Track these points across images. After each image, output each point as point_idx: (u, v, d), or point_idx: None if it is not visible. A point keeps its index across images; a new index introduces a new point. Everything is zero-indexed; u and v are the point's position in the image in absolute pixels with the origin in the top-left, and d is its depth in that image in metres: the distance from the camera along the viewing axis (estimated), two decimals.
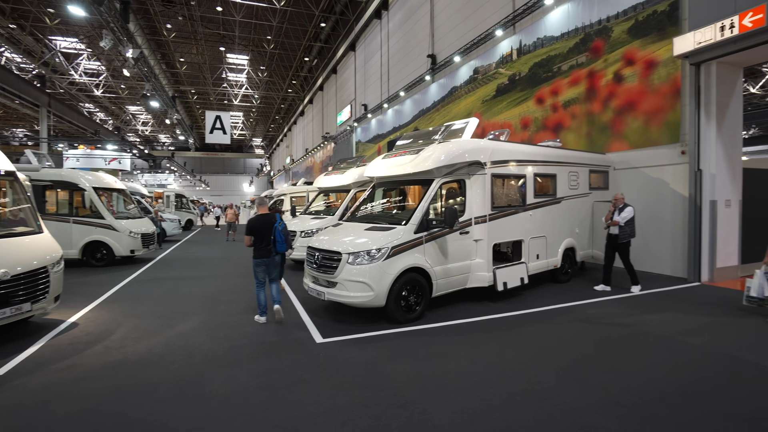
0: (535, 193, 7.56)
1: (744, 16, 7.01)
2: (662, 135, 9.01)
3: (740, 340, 4.99)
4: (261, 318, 6.06)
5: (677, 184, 8.58)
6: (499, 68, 14.49)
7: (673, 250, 8.66)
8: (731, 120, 8.29)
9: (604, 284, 7.61)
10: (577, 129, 11.21)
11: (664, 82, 8.96)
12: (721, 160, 8.10)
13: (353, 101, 29.64)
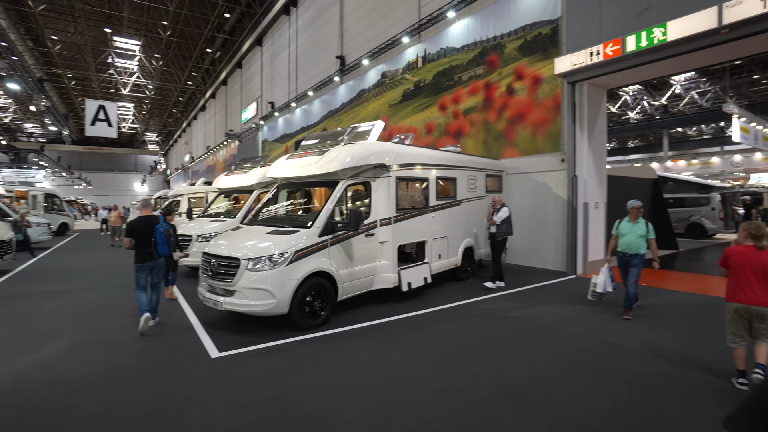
0: (438, 196, 7.87)
1: (606, 45, 8.07)
2: (546, 144, 10.00)
3: (604, 326, 5.68)
4: (144, 318, 5.52)
5: (558, 188, 9.59)
6: (406, 74, 14.92)
7: (555, 247, 9.66)
8: (598, 133, 9.50)
9: (498, 281, 8.17)
10: (476, 136, 11.98)
11: (548, 97, 9.97)
12: (591, 167, 9.24)
13: (259, 98, 28.37)
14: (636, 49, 7.62)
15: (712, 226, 15.36)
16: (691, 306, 6.63)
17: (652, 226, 6.09)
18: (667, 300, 6.96)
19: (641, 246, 6.00)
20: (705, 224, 15.41)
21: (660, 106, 33.71)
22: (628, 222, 6.18)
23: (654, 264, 5.90)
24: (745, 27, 6.51)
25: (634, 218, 6.15)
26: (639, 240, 6.00)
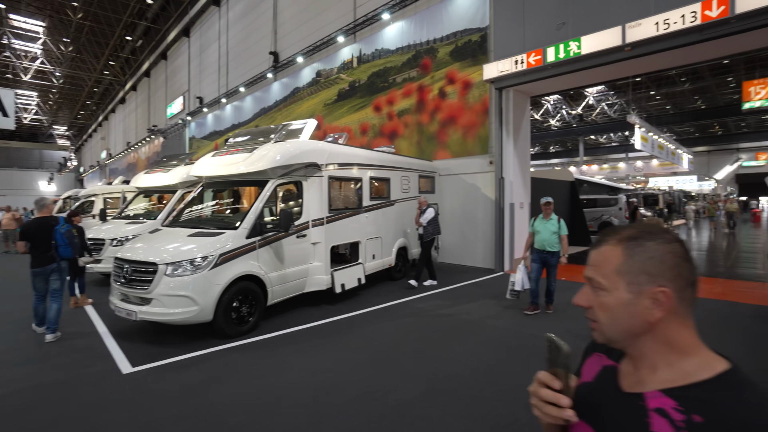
0: (371, 196, 7.83)
1: (529, 55, 8.55)
2: (476, 147, 10.39)
3: (531, 319, 5.98)
4: (40, 329, 4.90)
5: (487, 189, 10.00)
6: (341, 74, 14.77)
7: (484, 246, 10.06)
8: (523, 137, 10.05)
9: (431, 279, 8.32)
10: (410, 137, 12.15)
11: (477, 101, 10.36)
12: (516, 170, 9.74)
13: (187, 92, 26.63)
14: (555, 60, 8.15)
15: (619, 224, 16.95)
16: None
17: (564, 223, 6.18)
18: None
19: (555, 242, 6.10)
20: (614, 222, 16.97)
21: (576, 115, 36.74)
22: (542, 219, 6.28)
23: (561, 259, 6.07)
24: (643, 46, 7.21)
25: (546, 215, 6.23)
26: (552, 236, 6.09)
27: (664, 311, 0.76)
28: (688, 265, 0.77)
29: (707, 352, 0.77)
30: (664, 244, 0.78)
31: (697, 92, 31.49)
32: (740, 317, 5.81)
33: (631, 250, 0.79)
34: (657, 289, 0.76)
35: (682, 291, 0.76)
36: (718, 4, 6.36)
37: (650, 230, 0.81)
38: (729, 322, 5.56)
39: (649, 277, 0.77)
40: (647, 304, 0.76)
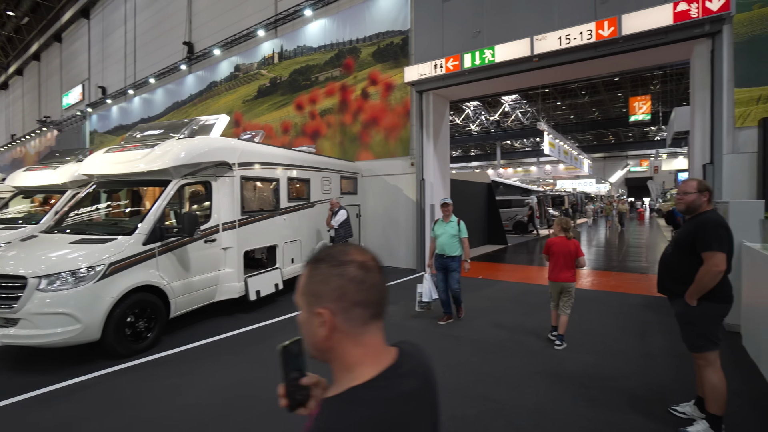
0: (290, 197, 7.47)
1: (448, 60, 8.76)
2: (398, 148, 10.44)
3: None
4: None
5: (408, 190, 10.09)
6: (261, 69, 14.08)
7: (406, 246, 10.14)
8: (443, 140, 10.29)
9: None
10: (332, 137, 11.90)
11: (399, 103, 10.41)
12: (437, 171, 9.95)
13: (87, 81, 23.78)
14: (472, 66, 8.42)
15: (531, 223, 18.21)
16: (519, 292, 7.55)
17: (464, 225, 5.69)
18: (502, 288, 7.82)
19: (455, 246, 5.62)
20: (534, 222, 18.19)
21: (494, 121, 39.01)
22: (442, 222, 5.79)
23: (464, 265, 5.62)
24: (549, 58, 7.71)
25: (445, 217, 5.77)
26: (452, 240, 5.61)
27: (328, 330, 0.80)
28: (355, 287, 0.81)
29: (368, 370, 0.81)
30: (332, 267, 0.82)
31: (594, 105, 35.06)
32: (630, 307, 6.40)
33: (309, 272, 0.85)
34: (318, 309, 0.81)
35: (347, 312, 0.81)
36: (608, 25, 6.98)
37: (333, 253, 0.86)
38: (622, 312, 6.09)
39: (316, 298, 0.82)
40: (316, 323, 0.81)
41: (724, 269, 2.78)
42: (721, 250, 2.78)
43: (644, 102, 23.13)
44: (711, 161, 6.53)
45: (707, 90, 6.62)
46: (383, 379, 0.80)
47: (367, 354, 0.83)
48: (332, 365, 0.85)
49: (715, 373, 2.92)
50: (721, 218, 2.91)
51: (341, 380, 0.82)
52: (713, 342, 2.92)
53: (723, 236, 2.82)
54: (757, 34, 6.50)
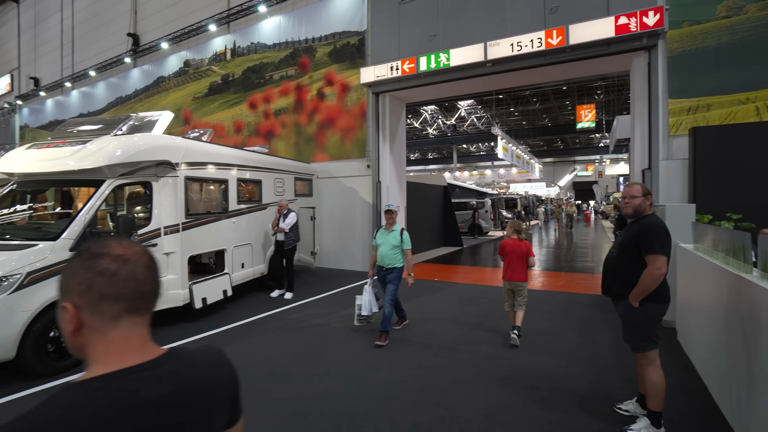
0: (239, 199, 7.13)
1: (404, 62, 8.74)
2: (354, 150, 10.30)
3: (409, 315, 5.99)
4: None
5: (364, 192, 9.97)
6: (213, 65, 13.47)
7: (362, 249, 10.01)
8: (399, 142, 10.27)
9: (279, 289, 7.66)
10: (287, 138, 11.56)
11: (355, 104, 10.28)
12: (393, 174, 9.90)
13: (16, 71, 21.80)
14: (427, 69, 8.45)
15: (486, 225, 18.67)
16: (474, 294, 7.61)
17: (407, 235, 5.24)
18: (457, 290, 7.85)
19: (396, 258, 5.15)
20: (482, 224, 18.62)
21: (451, 125, 39.78)
22: (384, 231, 5.30)
23: (407, 279, 5.20)
24: (502, 64, 7.87)
25: (389, 226, 5.28)
26: (393, 251, 5.13)
27: (73, 325, 0.77)
28: (105, 279, 0.77)
29: (100, 368, 0.76)
30: (83, 260, 0.79)
31: (545, 112, 36.64)
32: (578, 306, 6.62)
33: (64, 267, 0.81)
34: (63, 304, 0.78)
35: (94, 305, 0.77)
36: (557, 35, 7.21)
37: (90, 247, 0.81)
38: (570, 311, 6.27)
39: (64, 293, 0.79)
40: (65, 318, 0.78)
41: (666, 272, 2.86)
42: (664, 254, 2.86)
43: (590, 110, 24.41)
44: (649, 167, 6.90)
45: (645, 100, 6.99)
46: (110, 379, 0.74)
47: (109, 351, 0.78)
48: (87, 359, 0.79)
49: (655, 371, 3.01)
50: (661, 222, 2.98)
51: (86, 375, 0.77)
52: (654, 341, 3.01)
53: (665, 240, 2.90)
54: (687, 50, 6.95)
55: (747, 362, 2.77)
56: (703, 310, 3.89)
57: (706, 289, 3.83)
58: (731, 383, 3.08)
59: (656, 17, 6.49)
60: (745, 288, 2.84)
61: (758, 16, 6.58)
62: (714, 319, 3.53)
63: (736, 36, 6.67)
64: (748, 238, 3.01)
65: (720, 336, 3.36)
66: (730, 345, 3.13)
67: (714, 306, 3.54)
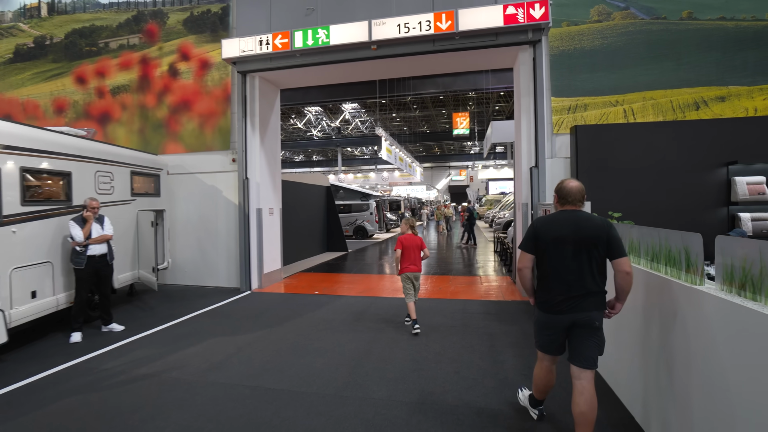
0: (27, 199, 4.83)
1: (276, 36, 7.22)
2: (216, 140, 8.39)
3: (288, 352, 4.53)
4: None
5: (229, 191, 8.15)
6: (20, 22, 10.06)
7: (228, 261, 8.16)
8: (272, 135, 8.67)
9: (105, 323, 5.57)
10: (129, 123, 9.05)
11: (217, 86, 8.39)
12: (264, 170, 8.27)
13: None
14: (303, 47, 7.07)
15: (371, 228, 17.92)
16: (360, 308, 6.42)
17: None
18: (340, 306, 6.58)
19: None
20: (366, 227, 17.82)
21: (335, 128, 38.90)
22: None
23: None
24: (388, 47, 6.92)
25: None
26: None
27: None
28: None
29: None
30: None
31: (424, 119, 38.07)
32: (473, 316, 5.91)
33: None
34: None
35: None
36: (446, 18, 6.51)
37: None
38: (467, 324, 5.51)
39: None
40: None
41: (520, 266, 2.71)
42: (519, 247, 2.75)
43: (464, 118, 25.65)
44: (536, 164, 6.61)
45: (531, 97, 6.69)
46: None
47: None
48: None
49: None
50: (538, 219, 2.74)
51: None
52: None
53: (526, 234, 2.74)
54: (566, 50, 6.86)
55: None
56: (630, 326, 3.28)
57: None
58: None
59: (542, 10, 6.17)
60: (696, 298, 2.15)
61: (622, 24, 6.75)
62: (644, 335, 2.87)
63: (606, 41, 6.75)
64: (699, 241, 2.36)
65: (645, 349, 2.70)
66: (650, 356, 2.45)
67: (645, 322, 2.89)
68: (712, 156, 5.96)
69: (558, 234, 2.48)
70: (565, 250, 2.45)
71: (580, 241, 2.43)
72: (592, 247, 2.42)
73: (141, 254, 6.96)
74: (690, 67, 6.37)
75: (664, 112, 6.44)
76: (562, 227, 2.48)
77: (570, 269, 2.44)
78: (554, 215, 2.59)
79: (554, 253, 2.48)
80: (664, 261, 2.67)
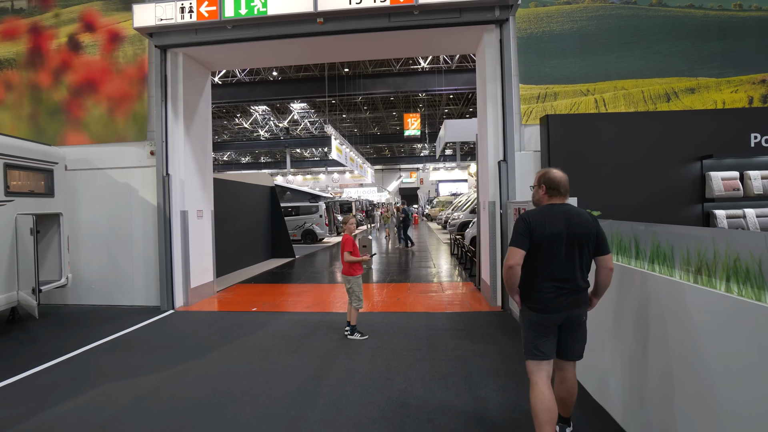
0: None
1: (201, 2, 5.92)
2: (130, 129, 6.87)
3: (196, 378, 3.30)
4: None
5: (147, 191, 6.67)
6: None
7: (146, 274, 6.66)
8: (201, 125, 7.28)
9: None
10: (17, 106, 7.24)
11: (131, 63, 6.88)
12: (191, 165, 6.88)
13: None
14: (235, 16, 5.82)
15: (321, 231, 16.68)
16: (307, 329, 5.28)
17: None
18: (286, 325, 5.40)
19: None
20: (316, 230, 16.56)
21: (284, 128, 37.11)
22: None
23: None
24: (337, 21, 5.87)
25: None
26: None
27: None
28: None
29: None
30: None
31: (374, 120, 37.34)
32: (438, 334, 4.99)
33: None
34: None
35: None
36: None
37: None
38: (433, 347, 4.58)
39: None
40: None
41: (510, 263, 2.39)
42: (511, 243, 2.43)
43: (415, 119, 25.07)
44: (504, 158, 5.86)
45: (498, 83, 5.93)
46: None
47: None
48: None
49: None
50: (527, 213, 2.43)
51: None
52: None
53: (516, 228, 2.46)
54: (534, 33, 6.19)
55: None
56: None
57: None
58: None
59: None
60: None
61: (593, 6, 6.20)
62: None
63: (576, 24, 6.16)
64: None
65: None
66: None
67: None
68: (689, 150, 5.50)
69: (554, 230, 2.31)
70: (560, 246, 2.31)
71: (573, 237, 2.31)
72: (584, 243, 2.33)
73: (21, 270, 5.35)
74: (660, 56, 5.93)
75: (636, 102, 5.95)
76: (557, 223, 2.33)
77: (563, 266, 2.32)
78: (545, 209, 2.41)
79: (549, 250, 2.31)
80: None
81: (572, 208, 2.39)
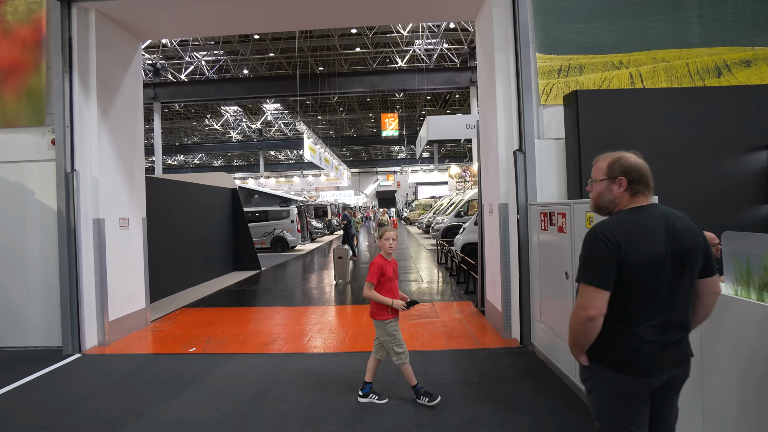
0: None
1: None
2: (23, 110, 5.04)
3: None
4: None
5: (48, 193, 4.88)
6: None
7: (44, 301, 4.86)
8: (127, 109, 5.53)
9: None
10: None
11: (24, 21, 5.07)
12: (110, 159, 5.13)
13: None
14: None
15: (292, 238, 14.94)
16: (258, 393, 3.69)
17: None
18: (228, 383, 3.77)
19: None
20: (287, 237, 14.82)
21: (257, 130, 35.12)
22: None
23: None
24: None
25: None
26: None
27: None
28: None
29: None
30: None
31: (350, 122, 35.83)
32: (443, 388, 3.53)
33: None
34: None
35: None
36: None
37: None
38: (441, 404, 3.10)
39: None
40: None
41: (593, 314, 1.52)
42: (589, 282, 1.52)
43: (393, 119, 23.67)
44: (520, 147, 4.44)
45: (509, 51, 4.53)
46: None
47: None
48: None
49: None
50: (603, 227, 1.55)
51: None
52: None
53: (590, 257, 1.56)
54: None
55: None
56: None
57: None
58: None
59: None
60: None
61: None
62: None
63: None
64: None
65: None
66: None
67: None
68: (754, 135, 4.23)
69: (655, 251, 1.47)
70: (665, 274, 1.48)
71: (680, 256, 1.49)
72: (694, 263, 1.53)
73: None
74: (709, 20, 4.67)
75: (680, 78, 4.66)
76: (655, 237, 1.49)
77: (670, 303, 1.50)
78: (633, 218, 1.54)
79: (652, 281, 1.47)
80: None
81: (669, 210, 1.59)
